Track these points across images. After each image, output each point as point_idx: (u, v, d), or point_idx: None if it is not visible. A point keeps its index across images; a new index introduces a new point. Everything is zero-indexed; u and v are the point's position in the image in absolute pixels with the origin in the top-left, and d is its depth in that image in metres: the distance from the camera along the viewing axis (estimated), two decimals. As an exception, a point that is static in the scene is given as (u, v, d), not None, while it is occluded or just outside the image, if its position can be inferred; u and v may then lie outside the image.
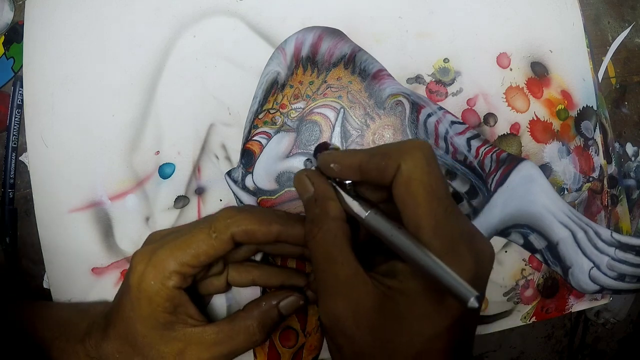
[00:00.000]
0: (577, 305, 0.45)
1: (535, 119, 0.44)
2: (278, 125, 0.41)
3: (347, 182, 0.30)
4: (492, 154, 0.42)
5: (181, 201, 0.42)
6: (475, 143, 0.42)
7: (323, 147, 0.40)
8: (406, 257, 0.25)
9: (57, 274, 0.41)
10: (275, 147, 0.41)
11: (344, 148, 0.41)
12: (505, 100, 0.43)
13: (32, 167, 0.42)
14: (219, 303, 0.41)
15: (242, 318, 0.33)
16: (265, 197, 0.41)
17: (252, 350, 0.41)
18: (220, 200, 0.42)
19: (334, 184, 0.30)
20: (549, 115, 0.44)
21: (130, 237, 0.41)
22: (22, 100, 0.43)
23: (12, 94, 0.44)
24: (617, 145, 0.47)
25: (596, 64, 0.46)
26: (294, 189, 0.41)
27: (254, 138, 0.41)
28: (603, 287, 0.44)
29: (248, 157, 0.41)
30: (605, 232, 0.44)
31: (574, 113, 0.44)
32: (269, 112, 0.41)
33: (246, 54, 0.42)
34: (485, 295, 0.24)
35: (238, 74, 0.42)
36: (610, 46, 0.47)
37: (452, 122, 0.42)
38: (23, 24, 0.43)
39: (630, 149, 0.48)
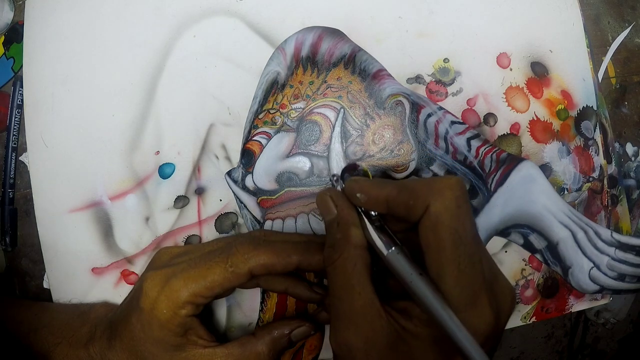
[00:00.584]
0: (577, 305, 0.45)
1: (535, 119, 0.44)
2: (278, 125, 0.41)
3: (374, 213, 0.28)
4: (492, 154, 0.42)
5: (181, 201, 0.42)
6: (475, 143, 0.42)
7: (352, 168, 0.40)
8: (422, 306, 0.25)
9: (57, 274, 0.41)
10: (275, 147, 0.41)
11: (345, 148, 0.41)
12: (505, 100, 0.43)
13: (32, 167, 0.42)
14: (219, 301, 0.41)
15: (254, 344, 0.33)
16: (265, 197, 0.41)
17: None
18: (220, 200, 0.42)
19: (359, 210, 0.29)
20: (549, 115, 0.44)
21: (130, 237, 0.41)
22: (22, 100, 0.43)
23: (12, 94, 0.44)
24: (617, 145, 0.47)
25: (596, 64, 0.46)
26: (294, 189, 0.41)
27: (254, 138, 0.41)
28: (603, 287, 0.44)
29: (248, 157, 0.41)
30: (605, 232, 0.44)
31: (574, 113, 0.44)
32: (269, 112, 0.41)
33: (246, 54, 0.42)
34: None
35: (238, 74, 0.42)
36: (610, 46, 0.47)
37: (452, 122, 0.42)
38: (23, 24, 0.43)
39: (630, 149, 0.48)
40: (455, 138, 0.42)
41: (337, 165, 0.41)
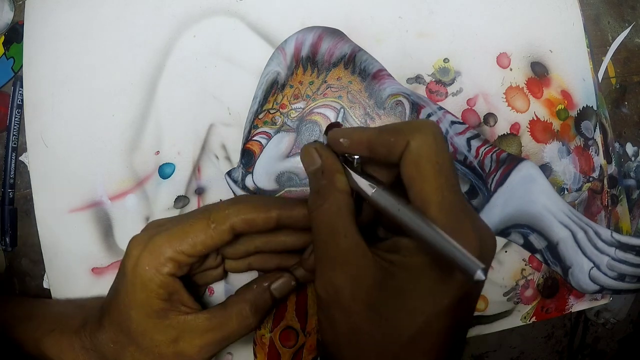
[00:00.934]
0: (577, 305, 0.45)
1: (535, 119, 0.44)
2: (278, 125, 0.41)
3: (356, 158, 0.29)
4: (492, 154, 0.42)
5: (181, 201, 0.42)
6: (475, 143, 0.42)
7: (335, 126, 0.40)
8: (412, 233, 0.25)
9: (57, 274, 0.41)
10: (275, 147, 0.41)
11: None
12: (505, 100, 0.43)
13: (32, 167, 0.42)
14: (218, 290, 0.41)
15: (235, 302, 0.33)
16: None
17: (252, 350, 0.41)
18: (220, 200, 0.42)
19: (342, 161, 0.30)
20: (549, 115, 0.44)
21: (130, 237, 0.41)
22: (22, 100, 0.43)
23: (12, 94, 0.44)
24: (617, 145, 0.47)
25: (596, 64, 0.46)
26: (294, 189, 0.41)
27: (254, 138, 0.41)
28: (603, 287, 0.44)
29: (248, 157, 0.41)
30: (605, 232, 0.44)
31: (574, 113, 0.44)
32: (269, 112, 0.41)
33: (246, 54, 0.42)
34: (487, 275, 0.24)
35: (238, 74, 0.42)
36: (610, 46, 0.47)
37: (452, 122, 0.42)
38: (23, 24, 0.43)
39: (630, 149, 0.48)
40: (455, 138, 0.42)
41: None
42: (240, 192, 0.41)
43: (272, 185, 0.41)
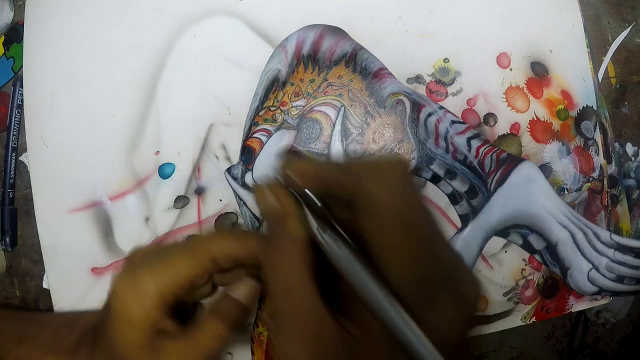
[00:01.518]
0: (577, 305, 0.45)
1: (535, 119, 0.44)
2: (278, 122, 0.41)
3: (314, 198, 0.24)
4: (492, 154, 0.42)
5: (181, 201, 0.42)
6: (475, 143, 0.42)
7: (295, 155, 0.38)
8: (367, 305, 0.21)
9: (56, 274, 0.41)
10: (275, 145, 0.41)
11: (345, 146, 0.41)
12: (505, 100, 0.43)
13: (32, 167, 0.42)
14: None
15: (206, 317, 0.32)
16: None
17: (249, 348, 0.41)
18: (220, 200, 0.42)
19: (301, 201, 0.24)
20: (549, 115, 0.44)
21: (130, 237, 0.41)
22: (22, 100, 0.43)
23: (12, 94, 0.44)
24: (617, 145, 0.47)
25: (596, 64, 0.46)
26: None
27: (254, 135, 0.41)
28: (602, 289, 0.44)
29: (248, 154, 0.41)
30: (605, 234, 0.44)
31: (574, 113, 0.44)
32: (270, 109, 0.41)
33: (246, 54, 0.42)
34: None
35: (238, 74, 0.42)
36: (610, 46, 0.47)
37: (453, 122, 0.42)
38: (23, 24, 0.43)
39: (630, 149, 0.48)
40: (456, 137, 0.42)
41: None
42: (240, 189, 0.41)
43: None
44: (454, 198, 0.42)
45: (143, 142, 0.42)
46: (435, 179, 0.42)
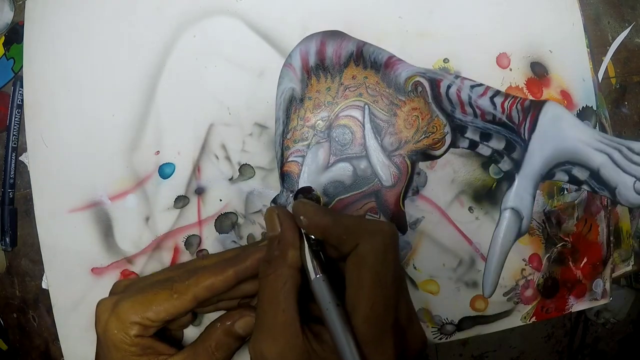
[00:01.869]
0: (577, 305, 0.45)
1: (535, 119, 0.44)
2: (309, 140, 0.41)
3: (314, 239, 0.31)
4: (516, 105, 0.43)
5: (181, 201, 0.42)
6: (498, 100, 0.42)
7: (306, 191, 0.40)
8: (331, 333, 0.27)
9: (56, 274, 0.41)
10: (313, 162, 0.41)
11: (381, 142, 0.41)
12: (505, 100, 0.43)
13: (32, 167, 0.42)
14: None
15: (202, 340, 0.35)
16: None
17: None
18: (220, 200, 0.42)
19: (302, 232, 0.31)
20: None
21: (130, 237, 0.41)
22: (22, 100, 0.43)
23: (12, 94, 0.44)
24: (617, 145, 0.47)
25: (596, 64, 0.46)
26: (344, 196, 0.41)
27: (289, 160, 0.41)
28: None
29: (289, 180, 0.41)
30: (637, 145, 0.44)
31: (573, 113, 0.44)
32: (296, 130, 0.41)
33: (246, 54, 0.42)
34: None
35: (238, 74, 0.42)
36: (610, 46, 0.47)
37: (472, 87, 0.42)
38: (23, 24, 0.43)
39: (630, 149, 0.48)
40: (479, 100, 0.42)
41: (378, 160, 0.41)
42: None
43: (322, 200, 0.41)
44: (495, 158, 0.42)
45: (143, 142, 0.42)
46: (473, 145, 0.42)
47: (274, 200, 0.41)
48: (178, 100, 0.42)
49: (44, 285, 0.42)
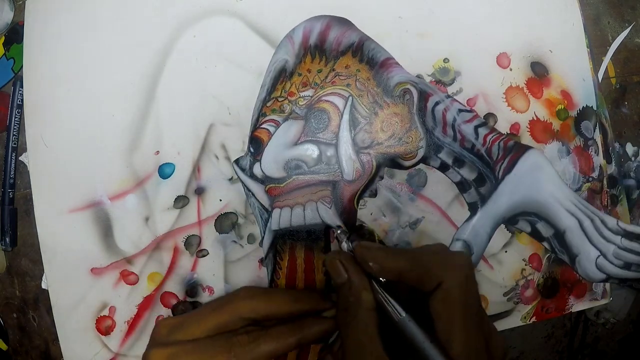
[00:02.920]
0: (577, 305, 0.45)
1: (535, 119, 0.44)
2: (286, 113, 0.41)
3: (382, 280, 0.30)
4: (499, 142, 0.42)
5: (181, 201, 0.42)
6: (482, 131, 0.42)
7: (358, 229, 0.40)
8: None
9: (56, 274, 0.41)
10: (283, 135, 0.41)
11: (353, 136, 0.41)
12: (505, 100, 0.43)
13: (32, 167, 0.42)
14: (217, 289, 0.41)
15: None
16: (273, 184, 0.41)
17: None
18: (220, 200, 0.42)
19: (369, 276, 0.30)
20: (549, 115, 0.44)
21: (130, 237, 0.41)
22: (22, 100, 0.43)
23: (12, 94, 0.44)
24: (617, 145, 0.47)
25: (596, 64, 0.46)
26: (302, 176, 0.41)
27: (262, 126, 0.41)
28: (609, 276, 0.44)
29: (256, 145, 0.41)
30: (612, 221, 0.44)
31: (573, 113, 0.44)
32: (277, 100, 0.41)
33: (246, 54, 0.42)
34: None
35: (238, 74, 0.42)
36: (610, 46, 0.47)
37: (460, 110, 0.42)
38: (23, 24, 0.43)
39: (630, 149, 0.48)
40: (463, 126, 0.42)
41: (346, 152, 0.41)
42: (248, 180, 0.41)
43: (280, 173, 0.41)
44: (462, 186, 0.42)
45: (143, 142, 0.42)
46: (444, 167, 0.42)
47: (236, 161, 0.41)
48: (178, 100, 0.42)
49: (43, 286, 0.42)
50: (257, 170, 0.41)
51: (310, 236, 0.41)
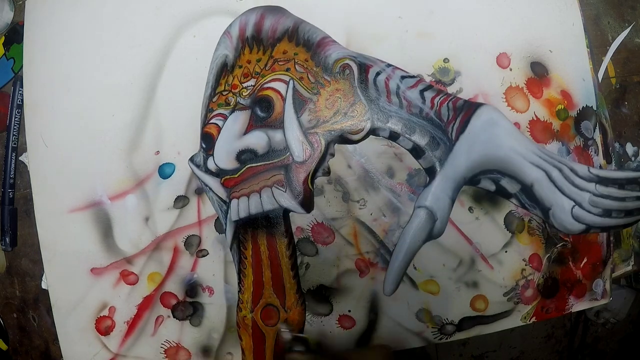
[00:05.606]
0: (577, 305, 0.45)
1: (535, 119, 0.44)
2: (232, 105, 0.41)
3: None
4: (447, 103, 0.42)
5: (181, 201, 0.42)
6: (429, 94, 0.42)
7: (298, 340, 0.41)
8: None
9: (55, 274, 0.41)
10: (231, 127, 0.41)
11: (299, 117, 0.41)
12: (505, 100, 0.43)
13: (32, 167, 0.42)
14: (218, 289, 0.42)
15: None
16: (228, 176, 0.41)
17: (236, 334, 0.42)
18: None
19: None
20: (549, 115, 0.44)
21: (130, 237, 0.41)
22: (22, 100, 0.43)
23: (12, 94, 0.44)
24: (617, 145, 0.47)
25: (596, 64, 0.46)
26: (254, 164, 0.41)
27: (211, 121, 0.41)
28: (590, 226, 0.42)
29: (207, 141, 0.41)
30: (582, 168, 0.42)
31: (573, 113, 0.44)
32: (222, 94, 0.41)
33: (246, 54, 0.42)
34: None
35: (238, 74, 0.42)
36: (610, 46, 0.47)
37: (403, 77, 0.42)
38: (23, 24, 0.43)
39: (630, 148, 0.48)
40: (408, 92, 0.41)
41: (293, 135, 0.41)
42: (204, 175, 0.41)
43: (233, 164, 0.41)
44: (416, 152, 0.42)
45: (143, 142, 0.42)
46: (394, 136, 0.42)
47: (191, 159, 0.41)
48: (178, 100, 0.42)
49: (43, 286, 0.42)
50: (210, 164, 0.41)
51: (270, 222, 0.41)
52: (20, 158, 0.44)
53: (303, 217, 0.41)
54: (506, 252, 0.43)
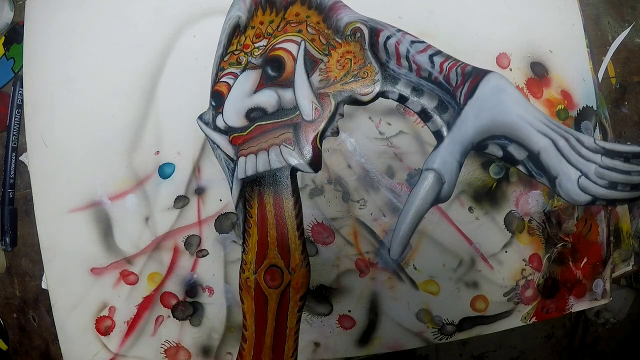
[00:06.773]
0: (577, 305, 0.45)
1: (535, 119, 0.44)
2: (243, 64, 0.41)
3: None
4: (456, 68, 0.42)
5: (181, 201, 0.42)
6: (438, 59, 0.42)
7: None
8: None
9: (55, 274, 0.41)
10: (242, 85, 0.41)
11: (310, 77, 0.41)
12: (505, 100, 0.43)
13: (32, 167, 0.42)
14: (217, 289, 0.42)
15: None
16: (236, 134, 0.41)
17: (238, 295, 0.41)
18: (220, 200, 0.42)
19: None
20: (549, 115, 0.44)
21: (130, 237, 0.41)
22: (22, 100, 0.43)
23: (12, 94, 0.44)
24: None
25: (596, 64, 0.46)
26: (264, 122, 0.41)
27: (221, 80, 0.41)
28: (595, 197, 0.42)
29: (217, 99, 0.41)
30: (588, 140, 0.42)
31: (574, 113, 0.44)
32: (233, 53, 0.42)
33: (246, 54, 0.42)
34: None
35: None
36: (610, 46, 0.47)
37: (413, 42, 0.42)
38: (23, 24, 0.43)
39: (630, 149, 0.48)
40: (417, 56, 0.42)
41: (303, 94, 0.41)
42: (212, 133, 0.41)
43: (242, 122, 0.41)
44: (424, 115, 0.42)
45: (143, 142, 0.42)
46: (403, 99, 0.42)
47: (200, 117, 0.42)
48: (178, 100, 0.42)
49: (43, 286, 0.42)
50: (219, 122, 0.41)
51: (277, 181, 0.41)
52: (20, 158, 0.44)
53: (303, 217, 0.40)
54: (506, 252, 0.43)
